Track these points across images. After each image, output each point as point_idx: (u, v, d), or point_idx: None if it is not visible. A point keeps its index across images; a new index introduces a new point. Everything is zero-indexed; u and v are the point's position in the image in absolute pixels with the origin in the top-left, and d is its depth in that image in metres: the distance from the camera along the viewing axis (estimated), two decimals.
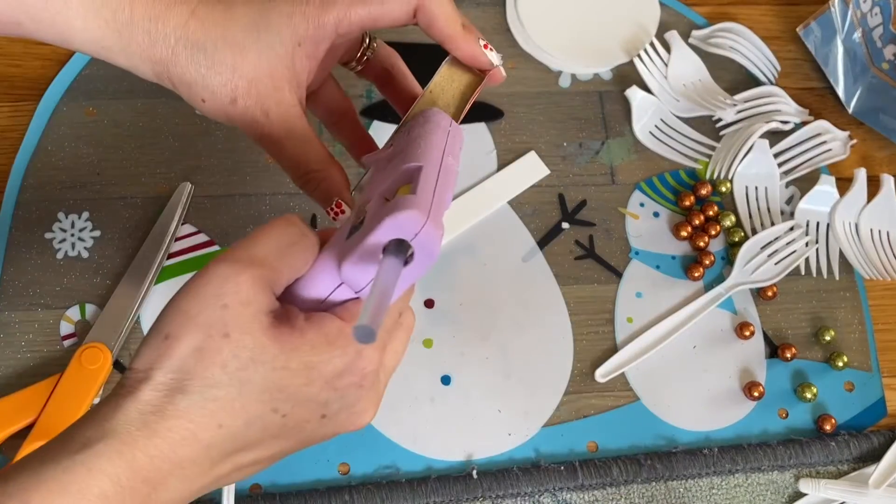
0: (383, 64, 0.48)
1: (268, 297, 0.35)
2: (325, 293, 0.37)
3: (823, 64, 0.72)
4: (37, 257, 0.59)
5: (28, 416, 0.53)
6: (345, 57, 0.47)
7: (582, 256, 0.64)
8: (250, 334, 0.34)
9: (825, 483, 0.58)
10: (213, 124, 0.64)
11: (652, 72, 0.69)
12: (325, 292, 0.37)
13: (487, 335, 0.60)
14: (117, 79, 0.64)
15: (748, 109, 0.70)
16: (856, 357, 0.64)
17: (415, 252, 0.34)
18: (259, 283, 0.35)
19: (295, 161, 0.43)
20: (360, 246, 0.34)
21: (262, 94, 0.41)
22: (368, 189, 0.40)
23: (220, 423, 0.34)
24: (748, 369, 0.62)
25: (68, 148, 0.62)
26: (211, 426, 0.33)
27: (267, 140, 0.43)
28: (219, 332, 0.34)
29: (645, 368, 0.61)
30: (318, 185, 0.44)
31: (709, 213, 0.66)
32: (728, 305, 0.64)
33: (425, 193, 0.35)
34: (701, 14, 0.74)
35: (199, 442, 0.33)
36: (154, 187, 0.62)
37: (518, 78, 0.69)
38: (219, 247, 0.61)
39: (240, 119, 0.42)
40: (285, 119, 0.42)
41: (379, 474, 0.56)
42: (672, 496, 0.57)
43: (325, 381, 0.35)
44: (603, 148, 0.68)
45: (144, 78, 0.43)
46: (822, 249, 0.66)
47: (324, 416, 0.36)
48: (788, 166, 0.69)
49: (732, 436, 0.60)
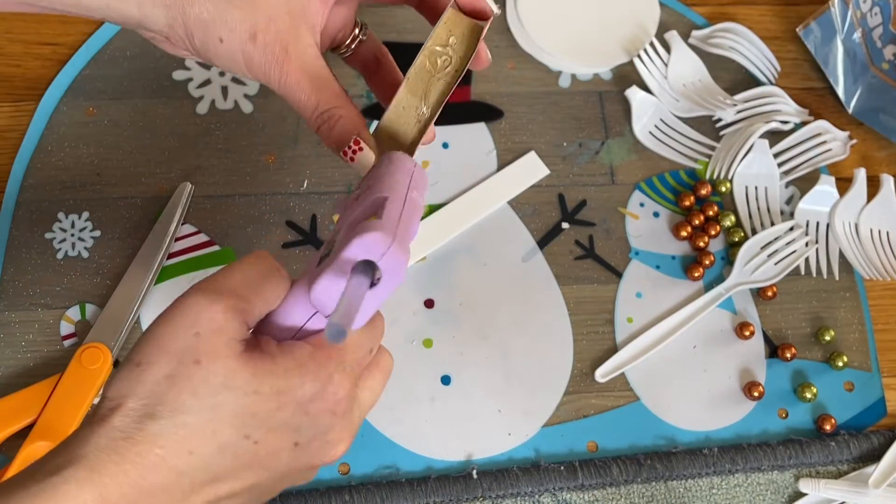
0: (372, 53, 0.49)
1: (241, 326, 0.35)
2: (299, 322, 0.37)
3: (823, 64, 0.72)
4: (37, 257, 0.59)
5: (28, 416, 0.53)
6: (337, 40, 0.48)
7: (582, 256, 0.64)
8: (222, 360, 0.34)
9: (825, 483, 0.58)
10: (214, 124, 0.64)
11: (652, 72, 0.69)
12: (298, 321, 0.37)
13: (487, 335, 0.60)
14: (117, 79, 0.64)
15: (748, 109, 0.70)
16: (856, 357, 0.64)
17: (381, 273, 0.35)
18: (231, 313, 0.35)
19: (315, 99, 0.43)
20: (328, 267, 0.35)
21: (282, 31, 0.42)
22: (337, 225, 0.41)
23: (190, 449, 0.33)
24: (748, 369, 0.62)
25: (68, 148, 0.62)
26: (182, 452, 0.33)
27: (285, 79, 0.43)
28: (190, 358, 0.34)
29: (645, 368, 0.61)
30: (337, 123, 0.44)
31: (709, 213, 0.66)
32: (728, 305, 0.64)
33: (391, 219, 0.36)
34: (701, 14, 0.74)
35: (169, 469, 0.33)
36: (154, 187, 0.62)
37: (518, 78, 0.69)
38: (219, 247, 0.61)
39: (259, 57, 0.42)
40: (304, 56, 0.43)
41: (379, 474, 0.56)
42: (672, 496, 0.57)
43: (297, 405, 0.35)
44: (603, 148, 0.68)
45: (154, 28, 0.43)
46: (822, 249, 0.66)
47: (297, 445, 0.36)
48: (788, 166, 0.69)
49: (732, 436, 0.60)
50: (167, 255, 0.60)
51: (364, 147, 0.44)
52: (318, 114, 0.44)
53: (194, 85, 0.65)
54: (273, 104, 0.65)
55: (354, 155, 0.44)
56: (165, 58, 0.65)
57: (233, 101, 0.65)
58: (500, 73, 0.69)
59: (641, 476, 0.57)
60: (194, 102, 0.65)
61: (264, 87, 0.65)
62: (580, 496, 0.56)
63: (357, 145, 0.44)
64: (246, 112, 0.65)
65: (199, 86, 0.65)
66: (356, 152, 0.44)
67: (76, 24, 0.66)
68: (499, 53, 0.70)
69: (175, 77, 0.65)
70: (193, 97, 0.65)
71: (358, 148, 0.44)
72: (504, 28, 0.71)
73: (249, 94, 0.65)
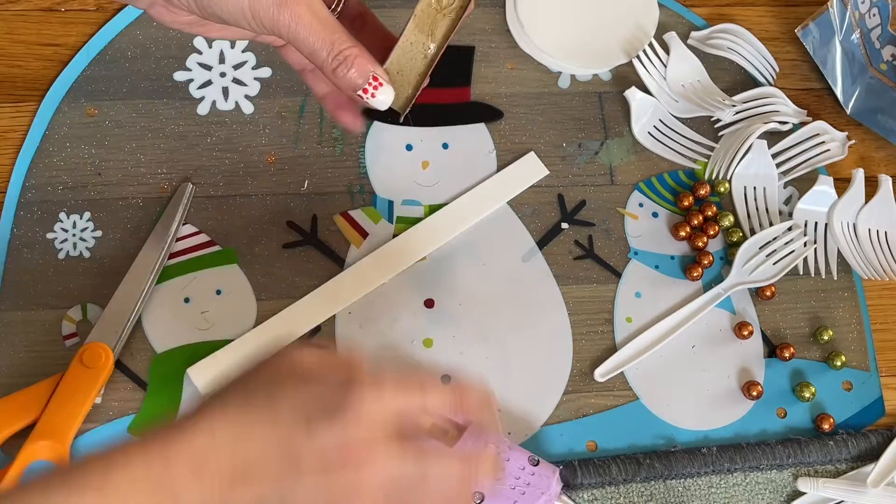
0: (357, 12, 0.49)
1: None
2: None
3: (822, 65, 0.73)
4: (38, 257, 0.59)
5: (29, 415, 0.53)
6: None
7: (581, 256, 0.64)
8: None
9: (823, 482, 0.58)
10: (215, 125, 0.64)
11: (651, 73, 0.70)
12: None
13: (487, 335, 0.61)
14: (119, 80, 0.64)
15: (747, 110, 0.70)
16: (854, 356, 0.64)
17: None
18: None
19: (329, 40, 0.44)
20: None
21: None
22: None
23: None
24: (747, 369, 0.62)
25: (70, 148, 0.62)
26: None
27: (296, 23, 0.43)
28: None
29: (644, 368, 0.61)
30: (353, 62, 0.44)
31: (707, 213, 0.66)
32: (727, 305, 0.64)
33: None
34: (700, 15, 0.74)
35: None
36: (155, 188, 0.62)
37: (517, 79, 0.69)
38: (220, 247, 0.61)
39: (266, 2, 0.42)
40: (312, 3, 0.43)
41: None
42: (671, 495, 0.58)
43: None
44: (602, 148, 0.68)
45: None
46: (821, 249, 0.67)
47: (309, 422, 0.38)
48: (787, 167, 0.69)
49: (731, 435, 0.60)
50: (168, 255, 0.60)
51: (384, 82, 0.45)
52: (335, 55, 0.44)
53: (195, 86, 0.65)
54: (273, 105, 0.65)
55: (375, 91, 0.45)
56: (166, 59, 0.65)
57: (233, 101, 0.65)
58: (499, 73, 0.69)
59: (640, 475, 0.57)
60: (195, 103, 0.65)
61: (265, 88, 0.66)
62: (579, 495, 0.56)
63: (376, 80, 0.44)
64: (246, 113, 0.65)
65: (199, 87, 0.65)
66: (377, 87, 0.45)
67: (77, 25, 0.66)
68: (498, 54, 0.70)
69: (176, 78, 0.65)
70: (194, 98, 0.65)
71: (378, 83, 0.45)
72: (504, 29, 0.71)
73: (250, 94, 0.65)
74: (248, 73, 0.66)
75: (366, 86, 0.45)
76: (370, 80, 0.44)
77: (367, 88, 0.45)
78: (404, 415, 0.39)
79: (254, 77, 0.66)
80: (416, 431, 0.39)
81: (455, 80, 0.68)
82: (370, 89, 0.45)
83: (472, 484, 0.40)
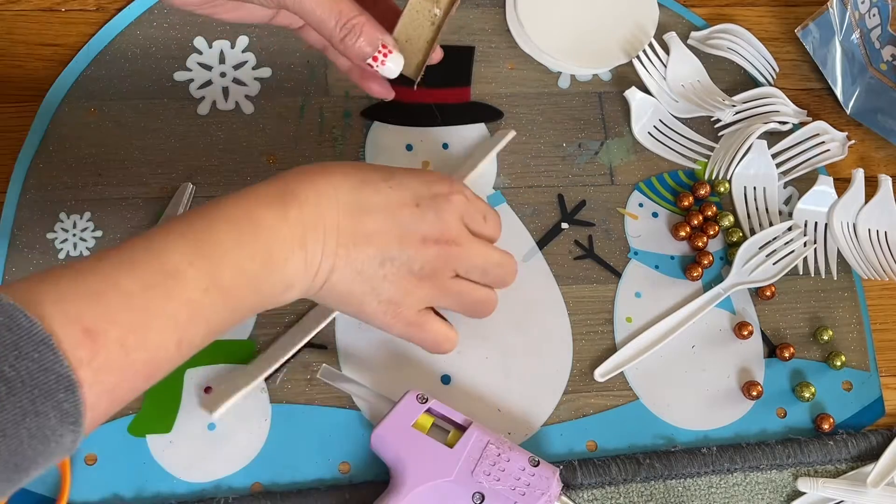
0: None
1: None
2: None
3: (822, 65, 0.73)
4: (39, 257, 0.59)
5: None
6: None
7: (581, 256, 0.64)
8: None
9: (823, 482, 0.58)
10: (215, 125, 0.64)
11: (651, 73, 0.70)
12: None
13: (487, 335, 0.61)
14: (119, 80, 0.64)
15: (747, 110, 0.70)
16: (854, 356, 0.64)
17: None
18: None
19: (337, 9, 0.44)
20: None
21: None
22: None
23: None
24: (747, 369, 0.62)
25: (70, 148, 0.62)
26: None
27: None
28: None
29: (644, 368, 0.61)
30: (362, 31, 0.45)
31: (707, 213, 0.66)
32: (727, 305, 0.64)
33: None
34: (700, 15, 0.74)
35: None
36: (155, 188, 0.62)
37: (517, 79, 0.69)
38: None
39: None
40: None
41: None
42: (671, 495, 0.58)
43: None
44: (602, 148, 0.68)
45: None
46: (821, 249, 0.67)
47: (417, 205, 0.47)
48: (787, 167, 0.69)
49: (731, 435, 0.60)
50: None
51: (393, 50, 0.45)
52: (343, 24, 0.44)
53: (195, 86, 0.65)
54: (273, 105, 0.65)
55: (385, 58, 0.45)
56: (167, 59, 0.65)
57: (234, 101, 0.65)
58: (499, 73, 0.69)
59: (640, 475, 0.57)
60: (195, 103, 0.65)
61: (265, 88, 0.66)
62: (579, 495, 0.56)
63: (386, 48, 0.45)
64: (247, 113, 0.65)
65: (200, 87, 0.65)
66: (386, 55, 0.45)
67: (78, 26, 0.66)
68: (498, 54, 0.70)
69: (176, 78, 0.65)
70: (194, 98, 0.65)
71: (388, 51, 0.45)
72: (504, 29, 0.71)
73: (250, 94, 0.66)
74: (248, 73, 0.66)
75: (375, 54, 0.45)
76: (379, 48, 0.44)
77: (376, 56, 0.45)
78: (478, 225, 0.51)
79: (254, 77, 0.66)
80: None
81: (455, 80, 0.68)
82: (380, 57, 0.45)
83: (514, 268, 0.54)
